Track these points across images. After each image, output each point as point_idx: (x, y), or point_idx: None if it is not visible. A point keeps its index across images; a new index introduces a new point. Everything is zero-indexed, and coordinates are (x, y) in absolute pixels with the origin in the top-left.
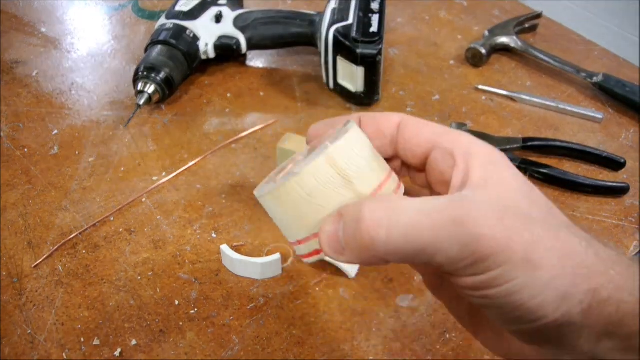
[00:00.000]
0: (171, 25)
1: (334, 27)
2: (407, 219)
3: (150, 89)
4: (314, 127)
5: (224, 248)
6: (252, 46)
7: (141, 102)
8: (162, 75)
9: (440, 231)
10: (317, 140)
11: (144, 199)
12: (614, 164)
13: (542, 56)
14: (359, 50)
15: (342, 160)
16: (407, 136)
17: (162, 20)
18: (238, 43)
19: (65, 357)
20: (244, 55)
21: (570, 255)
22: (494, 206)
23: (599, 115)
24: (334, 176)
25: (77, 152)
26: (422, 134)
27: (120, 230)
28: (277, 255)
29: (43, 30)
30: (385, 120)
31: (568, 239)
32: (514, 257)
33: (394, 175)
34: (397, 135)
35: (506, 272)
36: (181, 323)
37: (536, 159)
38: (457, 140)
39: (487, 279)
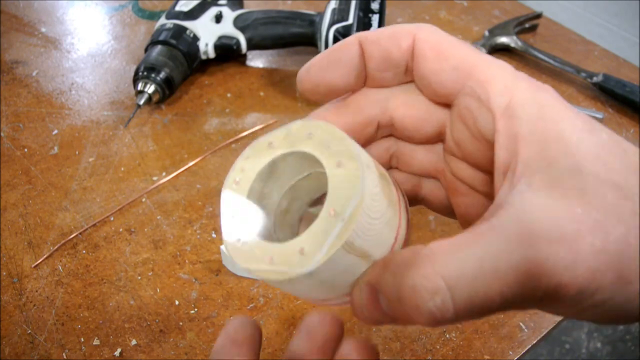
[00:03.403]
0: (171, 25)
1: (334, 27)
2: (468, 286)
3: (150, 89)
4: (312, 74)
5: (224, 248)
6: (252, 46)
7: (141, 102)
8: (162, 75)
9: (510, 294)
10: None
11: (144, 199)
12: None
13: (542, 56)
14: None
15: (360, 239)
16: (424, 71)
17: (162, 20)
18: (238, 43)
19: (65, 357)
20: (244, 55)
21: None
22: (566, 224)
23: (599, 115)
24: (353, 259)
25: (77, 152)
26: (444, 69)
27: (120, 230)
28: None
29: (43, 30)
30: (393, 46)
31: None
32: (603, 283)
33: (401, 197)
34: (412, 64)
35: (596, 298)
36: (181, 323)
37: None
38: (491, 81)
39: (571, 307)
